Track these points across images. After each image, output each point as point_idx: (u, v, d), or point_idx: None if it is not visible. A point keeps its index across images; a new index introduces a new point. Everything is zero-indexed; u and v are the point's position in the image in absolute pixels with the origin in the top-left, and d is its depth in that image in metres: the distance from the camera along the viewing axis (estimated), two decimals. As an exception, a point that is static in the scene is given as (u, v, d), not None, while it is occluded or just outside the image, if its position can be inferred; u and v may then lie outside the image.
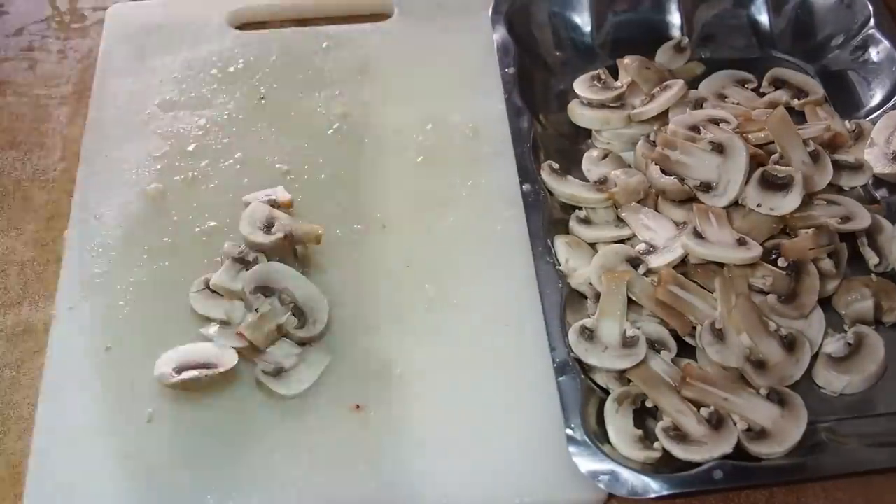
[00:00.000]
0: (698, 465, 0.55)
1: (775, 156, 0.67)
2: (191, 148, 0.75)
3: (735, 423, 0.57)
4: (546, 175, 0.70)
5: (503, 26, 0.79)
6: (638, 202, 0.68)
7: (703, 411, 0.58)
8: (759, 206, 0.65)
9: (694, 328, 0.62)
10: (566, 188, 0.70)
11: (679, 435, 0.57)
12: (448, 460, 0.58)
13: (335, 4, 0.87)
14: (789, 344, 0.61)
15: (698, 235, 0.64)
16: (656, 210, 0.68)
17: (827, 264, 0.64)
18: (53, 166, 0.76)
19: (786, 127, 0.68)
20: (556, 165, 0.71)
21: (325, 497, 0.57)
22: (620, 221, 0.68)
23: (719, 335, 0.60)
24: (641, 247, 0.66)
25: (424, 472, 0.58)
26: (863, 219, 0.66)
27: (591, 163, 0.73)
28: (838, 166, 0.69)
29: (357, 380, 0.62)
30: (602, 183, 0.70)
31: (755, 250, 0.62)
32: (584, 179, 0.71)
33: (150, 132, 0.76)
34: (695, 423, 0.57)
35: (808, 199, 0.66)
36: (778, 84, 0.78)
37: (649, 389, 0.59)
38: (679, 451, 0.56)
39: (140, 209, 0.71)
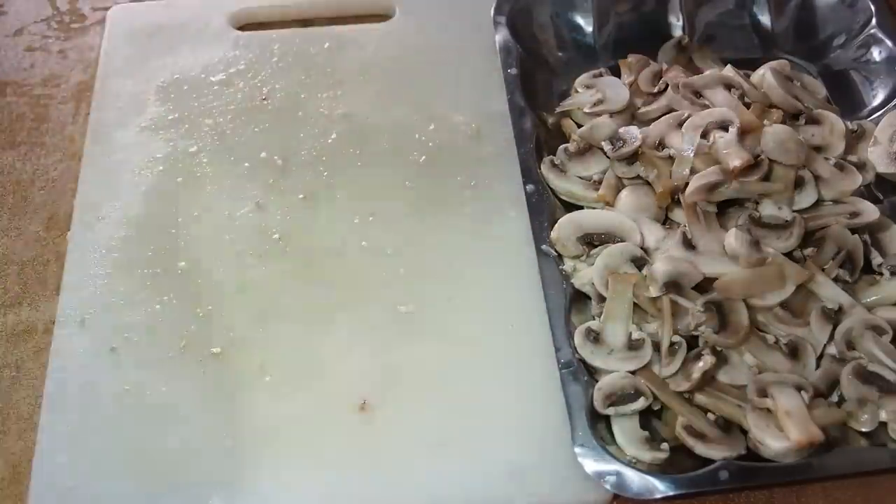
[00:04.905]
0: (703, 465, 0.55)
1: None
2: (193, 149, 0.74)
3: (744, 432, 0.57)
4: (546, 170, 0.70)
5: (505, 27, 0.79)
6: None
7: (710, 416, 0.58)
8: None
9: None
10: (566, 185, 0.70)
11: (697, 433, 0.57)
12: (452, 460, 0.58)
13: (337, 5, 0.86)
14: (792, 352, 0.60)
15: (687, 243, 0.63)
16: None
17: (843, 274, 0.63)
18: (53, 166, 0.76)
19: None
20: (557, 161, 0.71)
21: (328, 495, 0.57)
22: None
23: (723, 357, 0.60)
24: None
25: (428, 471, 0.58)
26: (871, 213, 0.66)
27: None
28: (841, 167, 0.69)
29: (361, 379, 0.62)
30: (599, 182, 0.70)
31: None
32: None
33: (152, 133, 0.75)
34: (706, 425, 0.57)
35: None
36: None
37: (658, 391, 0.59)
38: (702, 449, 0.56)
39: (143, 210, 0.70)
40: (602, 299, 0.62)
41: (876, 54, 0.78)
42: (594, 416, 0.58)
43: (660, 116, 0.71)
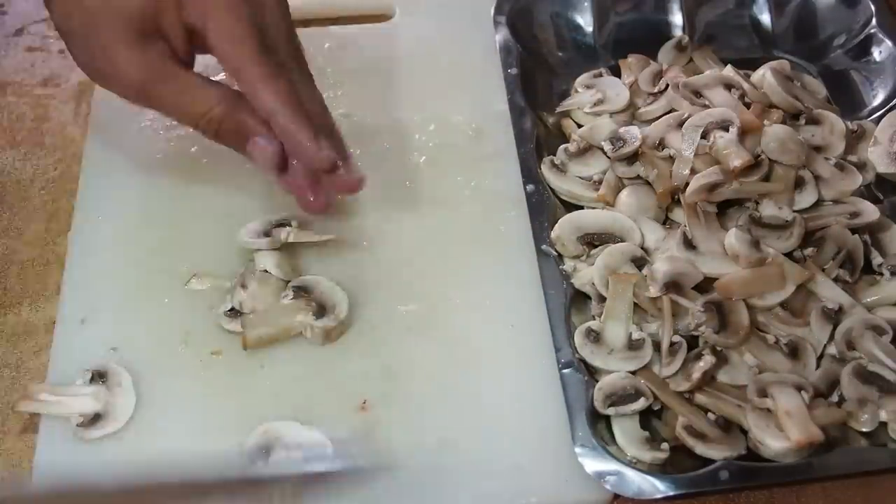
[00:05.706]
0: (703, 465, 0.55)
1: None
2: (193, 149, 0.74)
3: (744, 432, 0.57)
4: (546, 170, 0.70)
5: (505, 27, 0.79)
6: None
7: (710, 416, 0.58)
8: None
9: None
10: (566, 185, 0.70)
11: (697, 433, 0.57)
12: (452, 460, 0.58)
13: (337, 5, 0.86)
14: (792, 352, 0.60)
15: (687, 243, 0.63)
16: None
17: (843, 274, 0.64)
18: (53, 166, 0.76)
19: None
20: (557, 161, 0.71)
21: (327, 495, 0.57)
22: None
23: (723, 357, 0.60)
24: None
25: (428, 471, 0.58)
26: (871, 213, 0.66)
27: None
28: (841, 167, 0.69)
29: (362, 379, 0.62)
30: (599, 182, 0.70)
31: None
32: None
33: (152, 133, 0.75)
34: (706, 425, 0.57)
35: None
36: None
37: (658, 391, 0.59)
38: (702, 449, 0.56)
39: (143, 209, 0.70)
40: (602, 299, 0.62)
41: (876, 54, 0.78)
42: (594, 416, 0.58)
43: (660, 116, 0.71)
